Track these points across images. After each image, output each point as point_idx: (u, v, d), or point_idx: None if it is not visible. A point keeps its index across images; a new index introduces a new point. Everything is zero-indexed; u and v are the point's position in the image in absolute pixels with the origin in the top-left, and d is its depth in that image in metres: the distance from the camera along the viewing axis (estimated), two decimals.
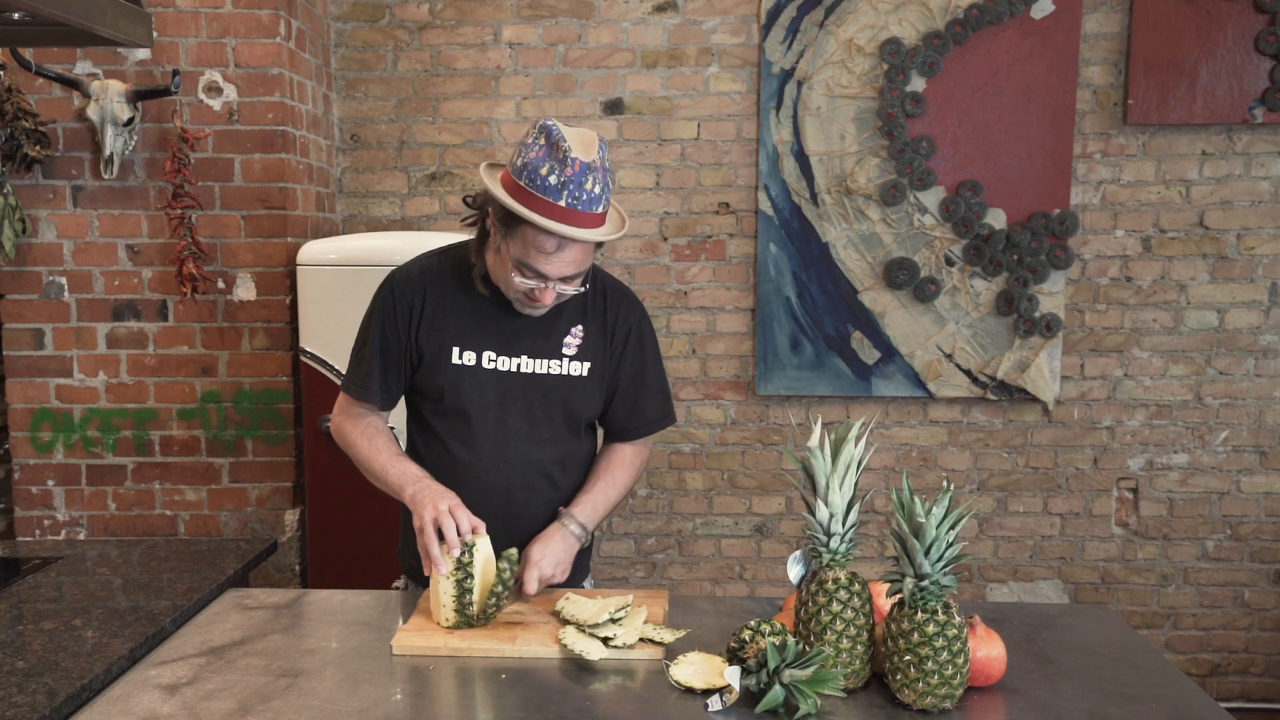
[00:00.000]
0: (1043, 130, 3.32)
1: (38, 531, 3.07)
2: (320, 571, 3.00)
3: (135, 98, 2.84)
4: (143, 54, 2.92)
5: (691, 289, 3.49)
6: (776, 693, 1.41)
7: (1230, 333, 3.44)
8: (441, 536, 1.72)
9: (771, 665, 1.43)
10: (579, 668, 1.64)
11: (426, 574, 1.76)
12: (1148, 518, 3.52)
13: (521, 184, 1.68)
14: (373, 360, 1.90)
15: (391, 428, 2.02)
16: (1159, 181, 3.40)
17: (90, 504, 3.07)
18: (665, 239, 3.48)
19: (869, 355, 3.45)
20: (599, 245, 1.78)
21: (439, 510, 1.73)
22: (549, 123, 1.69)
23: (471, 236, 1.88)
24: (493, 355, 1.88)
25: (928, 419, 3.52)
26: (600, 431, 2.07)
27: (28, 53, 2.76)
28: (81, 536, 3.07)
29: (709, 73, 3.41)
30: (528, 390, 1.90)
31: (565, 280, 1.76)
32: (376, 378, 1.91)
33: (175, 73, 2.86)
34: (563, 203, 1.66)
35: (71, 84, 2.83)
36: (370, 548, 2.94)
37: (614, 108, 3.44)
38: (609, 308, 1.94)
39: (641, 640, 1.68)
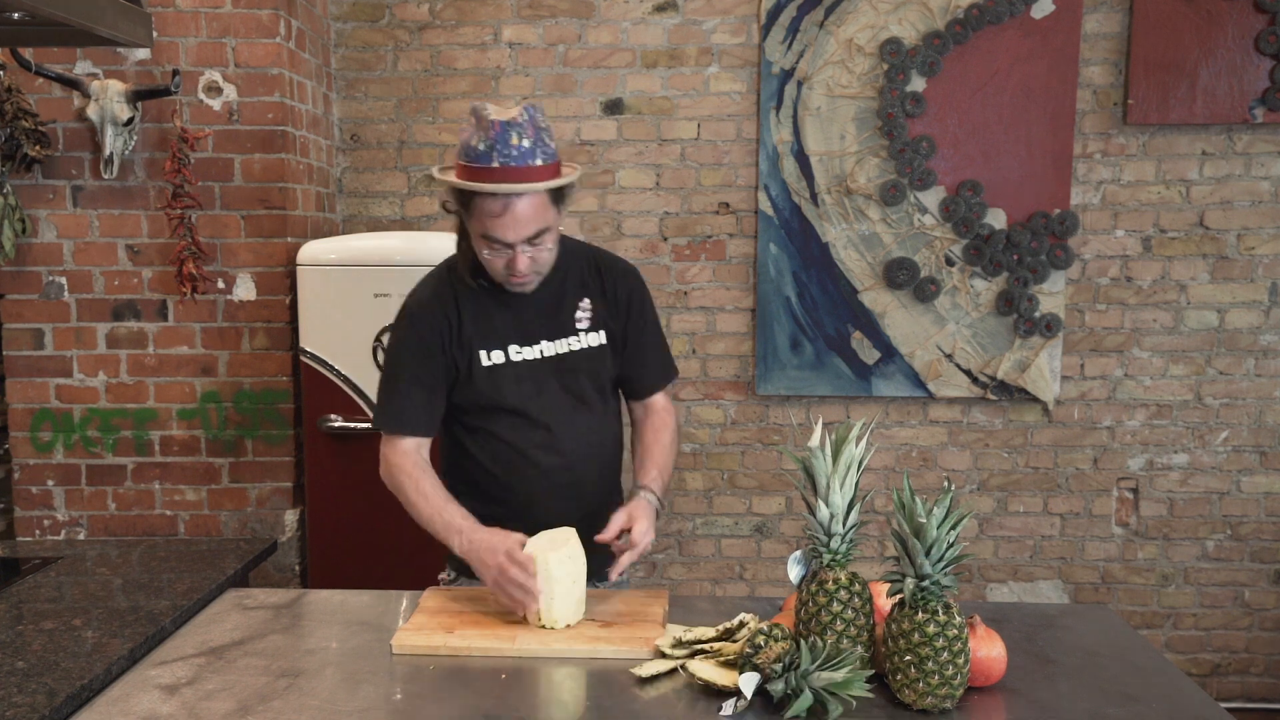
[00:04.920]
0: (1043, 130, 3.32)
1: (38, 531, 3.07)
2: (320, 571, 3.00)
3: (135, 98, 2.84)
4: (143, 54, 2.92)
5: (691, 289, 3.49)
6: (806, 697, 1.41)
7: (1230, 333, 3.44)
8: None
9: (803, 668, 1.42)
10: (580, 667, 1.64)
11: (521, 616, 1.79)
12: (1148, 518, 3.52)
13: (461, 162, 1.80)
14: (409, 391, 1.94)
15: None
16: (1159, 181, 3.40)
17: (90, 504, 3.07)
18: (665, 239, 3.48)
19: (869, 355, 3.45)
20: (558, 202, 1.83)
21: (496, 572, 1.76)
22: (476, 104, 1.79)
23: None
24: (517, 348, 1.95)
25: (928, 419, 3.52)
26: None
27: (28, 53, 2.76)
28: (81, 536, 3.07)
29: (709, 73, 3.41)
30: (557, 371, 1.97)
31: (530, 243, 1.81)
32: (418, 408, 1.95)
33: (175, 73, 2.86)
34: (495, 164, 1.75)
35: (71, 84, 2.83)
36: (370, 548, 2.94)
37: (614, 108, 3.44)
38: (605, 278, 2.01)
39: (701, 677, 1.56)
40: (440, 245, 2.95)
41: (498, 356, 1.95)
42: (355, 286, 2.88)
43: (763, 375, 3.48)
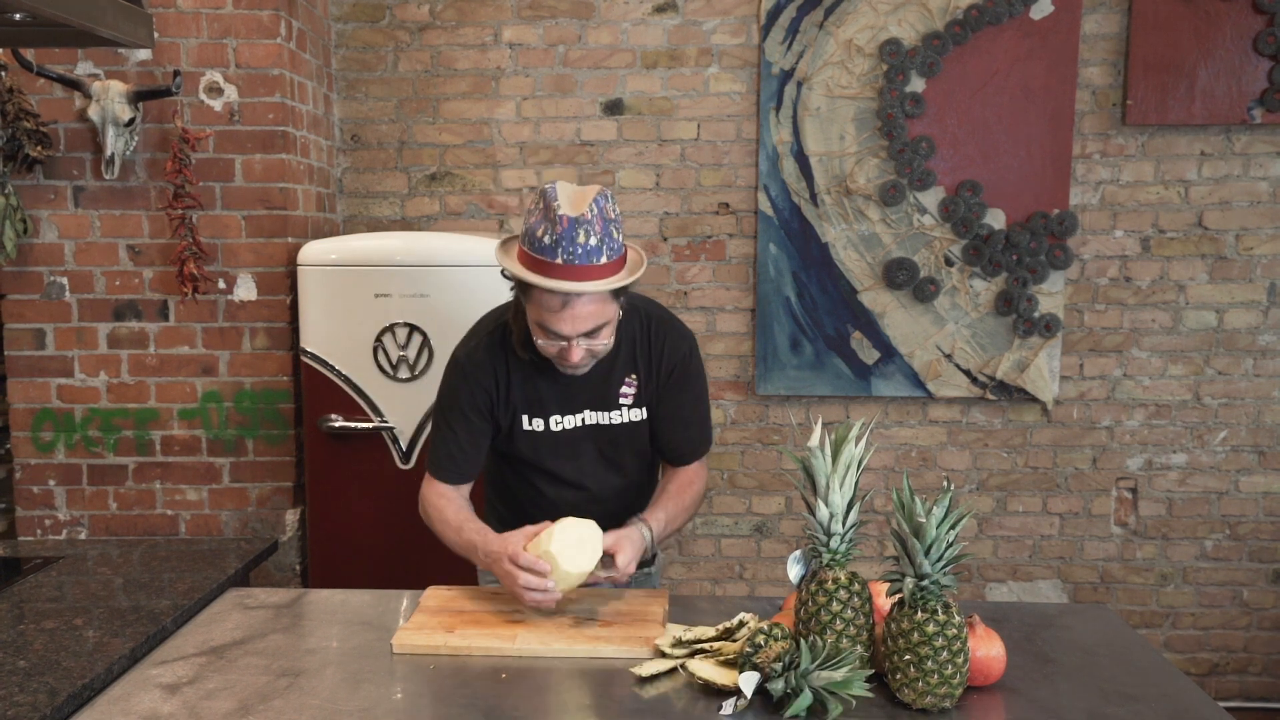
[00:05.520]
0: (1042, 131, 3.33)
1: (39, 531, 3.08)
2: (320, 571, 3.01)
3: (136, 98, 2.84)
4: (144, 55, 2.92)
5: (691, 289, 3.50)
6: (806, 697, 1.41)
7: (1229, 333, 3.45)
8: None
9: (803, 668, 1.42)
10: (580, 667, 1.64)
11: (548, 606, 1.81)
12: (1147, 517, 3.53)
13: (525, 249, 1.77)
14: (459, 445, 1.99)
15: None
16: (1158, 182, 3.40)
17: (91, 504, 3.08)
18: (665, 239, 3.48)
19: (869, 355, 3.45)
20: (618, 297, 1.82)
21: (510, 583, 1.78)
22: (546, 187, 1.76)
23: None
24: (558, 417, 1.98)
25: (927, 419, 3.52)
26: None
27: (29, 53, 2.76)
28: (82, 536, 3.07)
29: (709, 73, 3.42)
30: (596, 438, 2.01)
31: (587, 336, 1.80)
32: (467, 459, 2.00)
33: (176, 73, 2.86)
34: (558, 260, 1.72)
35: (73, 84, 2.83)
36: (370, 548, 2.95)
37: (614, 108, 3.44)
38: (654, 346, 2.00)
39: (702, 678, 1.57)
40: (440, 245, 2.97)
41: (538, 424, 1.98)
42: (356, 287, 2.88)
43: (762, 375, 3.48)
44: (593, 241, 1.72)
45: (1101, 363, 3.48)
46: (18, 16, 1.83)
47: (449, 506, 1.98)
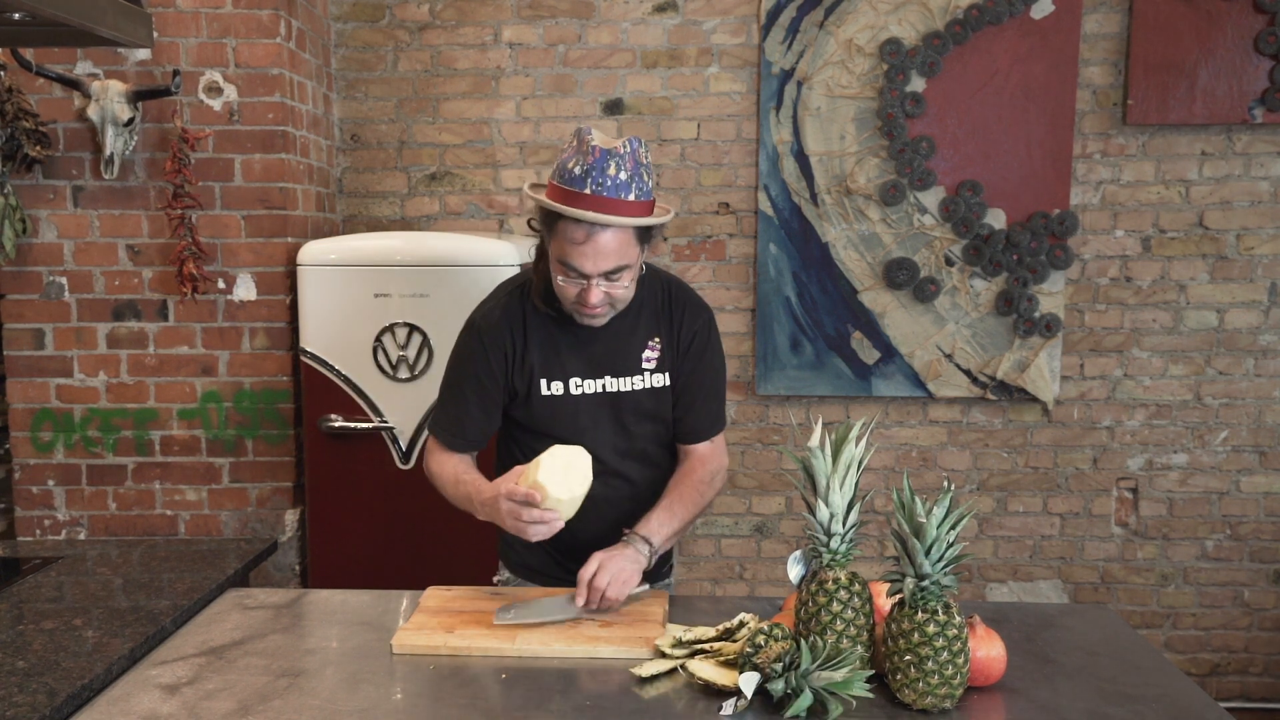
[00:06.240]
0: (1042, 130, 3.32)
1: (38, 531, 3.07)
2: (320, 571, 3.00)
3: (135, 98, 2.84)
4: (143, 54, 2.92)
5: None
6: (806, 697, 1.41)
7: (1230, 333, 3.44)
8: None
9: (803, 668, 1.42)
10: (579, 667, 1.64)
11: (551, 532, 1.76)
12: (1147, 518, 3.52)
13: (553, 182, 1.75)
14: (468, 409, 1.94)
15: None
16: (1158, 182, 3.40)
17: (91, 504, 3.07)
18: (665, 239, 3.48)
19: (869, 355, 3.45)
20: (644, 241, 1.79)
21: (506, 514, 1.75)
22: (583, 127, 1.75)
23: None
24: (579, 380, 1.93)
25: (927, 419, 3.52)
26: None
27: (28, 53, 2.76)
28: (82, 536, 3.07)
29: (709, 73, 3.41)
30: (616, 408, 1.95)
31: (607, 277, 1.77)
32: (476, 426, 1.96)
33: (175, 73, 2.86)
34: (587, 190, 1.70)
35: (72, 84, 2.83)
36: (370, 548, 2.94)
37: (614, 108, 3.44)
38: (674, 314, 1.96)
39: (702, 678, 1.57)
40: (440, 245, 2.96)
41: (557, 388, 1.93)
42: (355, 286, 2.88)
43: (763, 375, 3.48)
44: (623, 176, 1.70)
45: (1102, 363, 3.48)
46: (17, 16, 1.83)
47: (448, 461, 1.95)
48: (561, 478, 1.72)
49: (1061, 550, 3.55)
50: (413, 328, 2.86)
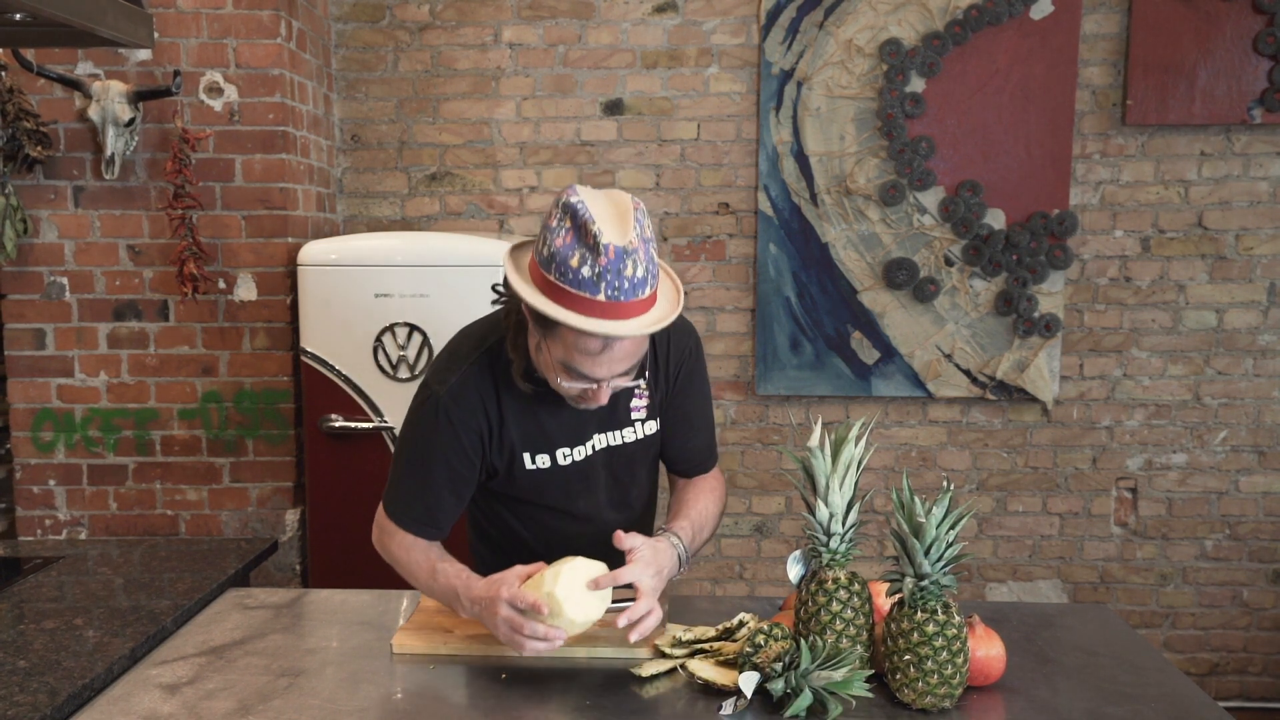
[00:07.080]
0: (1042, 130, 3.33)
1: (39, 531, 3.08)
2: (320, 571, 3.01)
3: (136, 98, 2.84)
4: (144, 55, 2.93)
5: (691, 289, 3.50)
6: (806, 697, 1.41)
7: (1229, 333, 3.45)
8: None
9: (802, 668, 1.42)
10: (580, 667, 1.64)
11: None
12: (1146, 517, 3.53)
13: (552, 278, 1.45)
14: (440, 496, 1.71)
15: None
16: (1158, 182, 3.40)
17: (91, 504, 3.08)
18: (665, 239, 3.48)
19: (869, 355, 3.45)
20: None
21: (508, 630, 1.55)
22: (573, 200, 1.44)
23: (498, 309, 1.70)
24: (566, 451, 1.73)
25: (927, 419, 3.53)
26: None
27: (29, 53, 2.76)
28: (83, 536, 3.07)
29: (709, 73, 3.42)
30: (609, 462, 1.79)
31: (619, 375, 1.56)
32: (448, 514, 1.74)
33: (176, 73, 2.86)
34: (601, 296, 1.43)
35: (73, 85, 2.83)
36: (370, 548, 2.94)
37: (614, 108, 3.44)
38: (658, 347, 1.74)
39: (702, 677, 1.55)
40: (440, 245, 2.97)
41: (543, 460, 1.72)
42: (356, 287, 2.88)
43: (762, 375, 3.48)
44: (640, 273, 1.44)
45: (1101, 363, 3.48)
46: (18, 16, 1.83)
47: (416, 549, 1.73)
48: (580, 597, 1.54)
49: (1061, 550, 3.55)
50: (413, 328, 2.87)
